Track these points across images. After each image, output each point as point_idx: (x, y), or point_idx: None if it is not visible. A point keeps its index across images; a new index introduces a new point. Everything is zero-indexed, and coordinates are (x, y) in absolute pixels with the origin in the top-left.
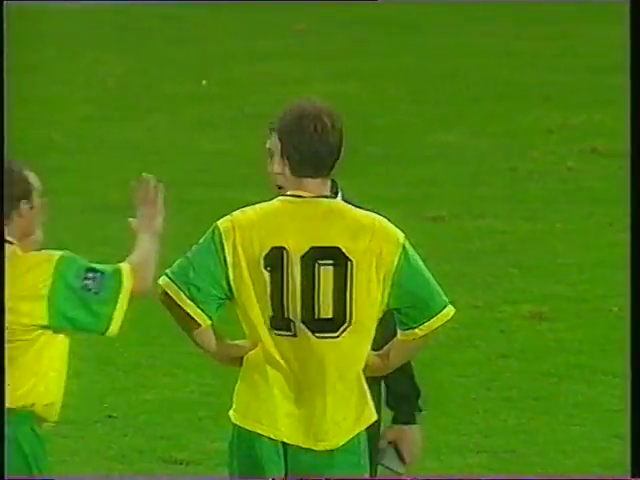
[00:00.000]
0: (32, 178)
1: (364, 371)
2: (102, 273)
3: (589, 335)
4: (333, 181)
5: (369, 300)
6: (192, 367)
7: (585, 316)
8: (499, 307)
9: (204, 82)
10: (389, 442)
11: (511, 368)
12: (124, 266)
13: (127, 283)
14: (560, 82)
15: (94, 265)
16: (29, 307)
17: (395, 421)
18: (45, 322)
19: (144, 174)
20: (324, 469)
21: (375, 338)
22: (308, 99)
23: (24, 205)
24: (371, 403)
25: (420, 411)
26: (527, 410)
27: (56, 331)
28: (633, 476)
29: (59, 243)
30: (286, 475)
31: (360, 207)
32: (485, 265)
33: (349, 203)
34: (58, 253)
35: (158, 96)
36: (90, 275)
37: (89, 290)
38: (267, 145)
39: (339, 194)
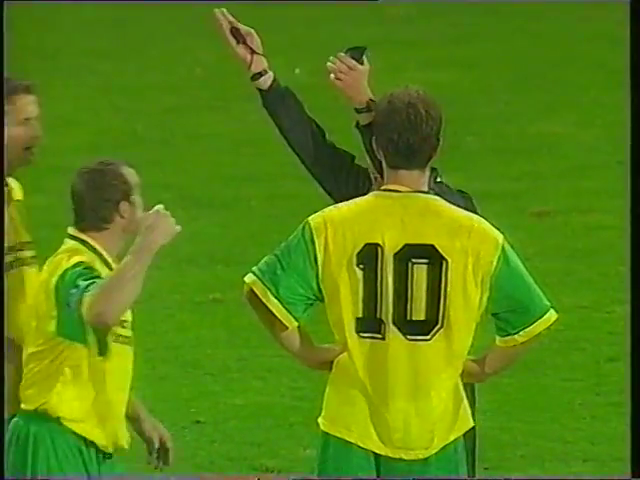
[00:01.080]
0: (129, 175)
1: (461, 377)
2: (81, 290)
3: None
4: (433, 169)
5: (464, 302)
6: (283, 370)
7: None
8: (607, 307)
9: (297, 70)
10: None
11: (620, 372)
12: (86, 297)
13: (84, 318)
14: None
15: (80, 280)
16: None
17: None
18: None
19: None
20: (418, 478)
21: None
22: (405, 87)
23: (124, 206)
24: (468, 410)
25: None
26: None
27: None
28: (633, 476)
29: None
30: None
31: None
32: (593, 263)
33: (446, 187)
34: (71, 262)
35: (248, 85)
36: (72, 291)
37: (68, 305)
38: None
39: (438, 180)
